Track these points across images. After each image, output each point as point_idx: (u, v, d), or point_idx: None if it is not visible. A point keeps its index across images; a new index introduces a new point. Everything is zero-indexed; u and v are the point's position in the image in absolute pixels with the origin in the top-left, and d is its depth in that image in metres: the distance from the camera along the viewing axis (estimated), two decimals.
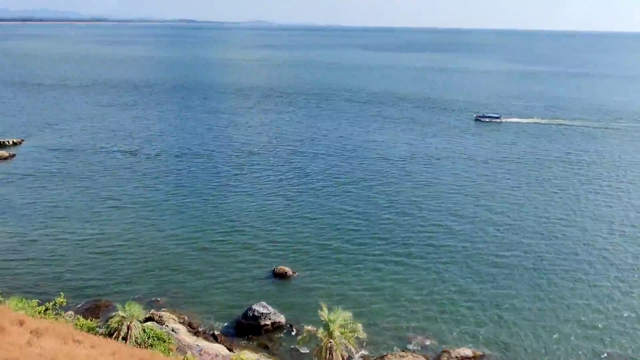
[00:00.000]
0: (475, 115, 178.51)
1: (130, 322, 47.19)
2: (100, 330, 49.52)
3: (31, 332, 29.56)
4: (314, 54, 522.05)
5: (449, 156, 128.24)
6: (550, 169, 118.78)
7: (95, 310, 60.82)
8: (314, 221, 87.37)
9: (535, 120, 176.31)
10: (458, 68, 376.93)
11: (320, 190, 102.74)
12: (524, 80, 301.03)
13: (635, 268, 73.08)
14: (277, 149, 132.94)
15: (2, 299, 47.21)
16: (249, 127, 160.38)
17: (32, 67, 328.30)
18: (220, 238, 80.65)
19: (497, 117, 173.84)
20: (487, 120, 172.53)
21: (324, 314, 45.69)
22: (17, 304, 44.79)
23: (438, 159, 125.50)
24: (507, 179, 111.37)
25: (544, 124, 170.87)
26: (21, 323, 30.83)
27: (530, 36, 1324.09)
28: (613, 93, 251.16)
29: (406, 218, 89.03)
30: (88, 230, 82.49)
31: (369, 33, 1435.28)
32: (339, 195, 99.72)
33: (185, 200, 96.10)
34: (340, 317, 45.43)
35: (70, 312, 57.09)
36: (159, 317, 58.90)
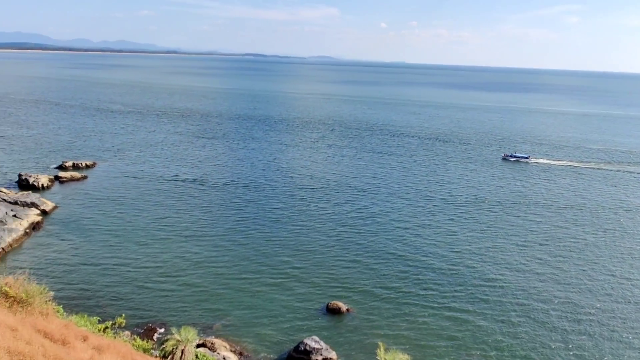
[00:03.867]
0: (502, 154, 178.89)
1: (185, 347, 47.57)
2: (155, 353, 50.13)
3: (94, 348, 30.25)
4: (379, 90, 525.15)
5: (485, 197, 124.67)
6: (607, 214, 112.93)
7: (150, 332, 61.88)
8: (371, 260, 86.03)
9: (566, 162, 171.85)
10: (518, 108, 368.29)
11: (379, 228, 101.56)
12: (575, 122, 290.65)
13: None
14: (341, 185, 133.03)
15: (66, 315, 48.83)
16: (313, 161, 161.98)
17: (108, 94, 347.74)
18: (277, 269, 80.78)
19: (526, 157, 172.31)
20: (514, 159, 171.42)
21: (381, 353, 44.40)
22: (80, 321, 46.22)
23: (485, 201, 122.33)
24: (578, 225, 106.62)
25: (577, 167, 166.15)
26: (85, 339, 31.64)
27: (598, 77, 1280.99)
28: None
29: (465, 260, 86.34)
30: (150, 254, 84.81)
31: (434, 71, 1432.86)
32: (397, 235, 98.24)
33: (247, 231, 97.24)
34: (396, 358, 44.05)
35: (127, 332, 58.27)
36: (211, 343, 59.12)
